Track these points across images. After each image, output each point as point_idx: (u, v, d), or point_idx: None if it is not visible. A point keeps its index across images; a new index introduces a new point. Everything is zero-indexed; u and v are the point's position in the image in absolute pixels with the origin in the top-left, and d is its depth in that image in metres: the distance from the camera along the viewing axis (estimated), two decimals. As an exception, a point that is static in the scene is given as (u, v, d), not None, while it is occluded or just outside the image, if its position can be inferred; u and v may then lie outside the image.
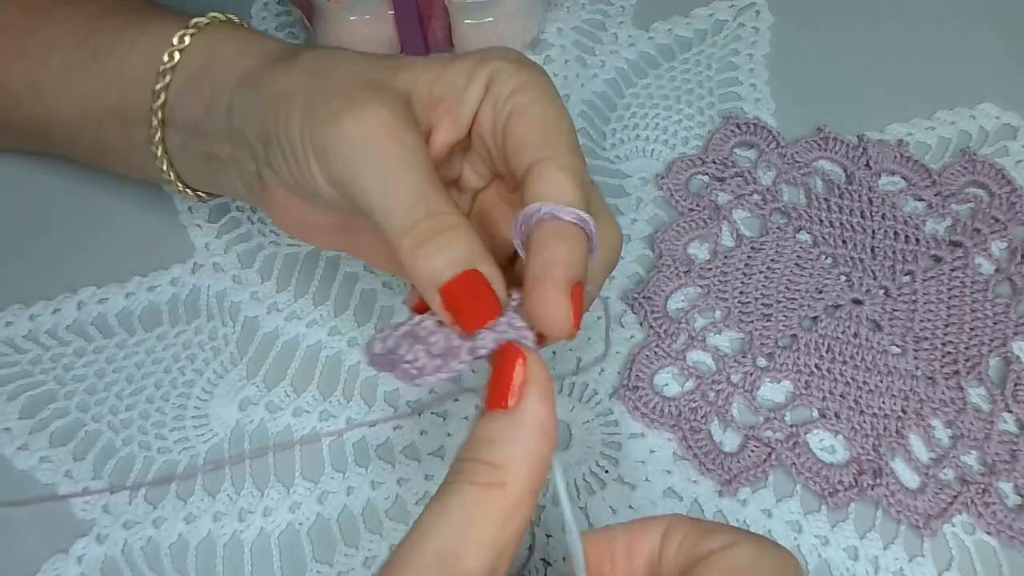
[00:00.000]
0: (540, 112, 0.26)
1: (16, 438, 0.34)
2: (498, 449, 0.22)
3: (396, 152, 0.25)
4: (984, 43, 0.45)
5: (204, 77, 0.31)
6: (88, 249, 0.39)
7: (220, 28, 0.32)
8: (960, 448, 0.32)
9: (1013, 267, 0.37)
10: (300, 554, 0.31)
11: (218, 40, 0.31)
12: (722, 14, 0.47)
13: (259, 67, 0.29)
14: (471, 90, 0.27)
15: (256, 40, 0.31)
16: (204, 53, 0.31)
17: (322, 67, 0.28)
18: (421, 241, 0.24)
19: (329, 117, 0.26)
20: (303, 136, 0.26)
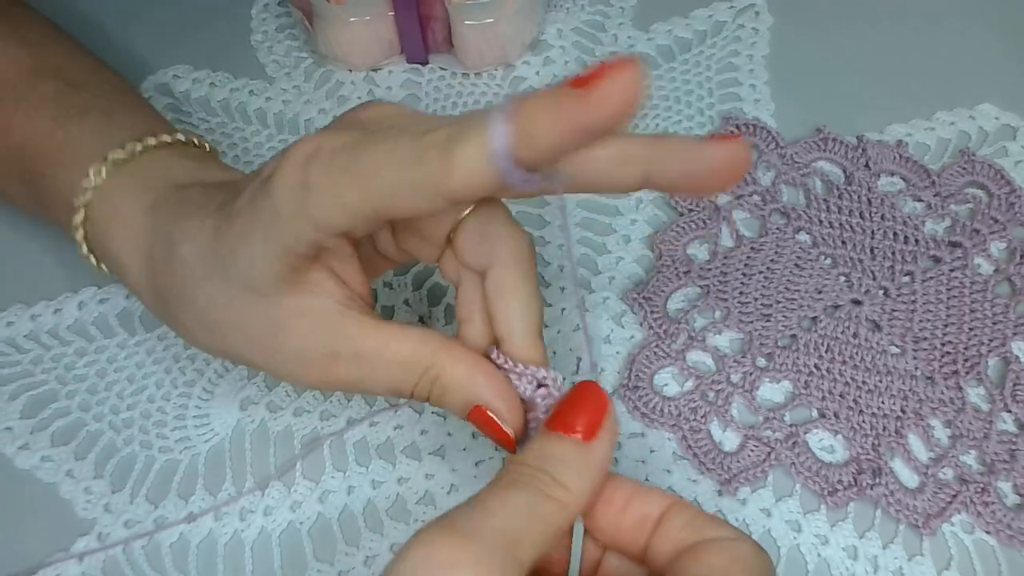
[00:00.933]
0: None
1: (17, 437, 0.34)
2: (569, 473, 0.23)
3: (355, 333, 0.26)
4: (983, 44, 0.45)
5: (110, 259, 0.30)
6: (89, 249, 0.39)
7: (104, 203, 0.30)
8: (959, 448, 0.32)
9: (1012, 267, 0.37)
10: (301, 553, 0.31)
11: (105, 230, 0.30)
12: (721, 15, 0.47)
13: (146, 270, 0.28)
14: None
15: (130, 214, 0.29)
16: (101, 241, 0.30)
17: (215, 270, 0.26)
18: (427, 398, 0.27)
19: (282, 356, 0.26)
20: (269, 368, 0.27)
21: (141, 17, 0.48)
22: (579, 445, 0.23)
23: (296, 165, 0.23)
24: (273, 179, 0.24)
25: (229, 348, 0.27)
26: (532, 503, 0.22)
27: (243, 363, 0.29)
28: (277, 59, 0.46)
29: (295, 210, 0.23)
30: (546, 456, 0.23)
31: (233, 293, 0.26)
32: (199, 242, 0.26)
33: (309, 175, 0.23)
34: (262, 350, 0.26)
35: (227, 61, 0.46)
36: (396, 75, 0.45)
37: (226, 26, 0.48)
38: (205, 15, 0.49)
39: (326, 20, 0.43)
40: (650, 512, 0.24)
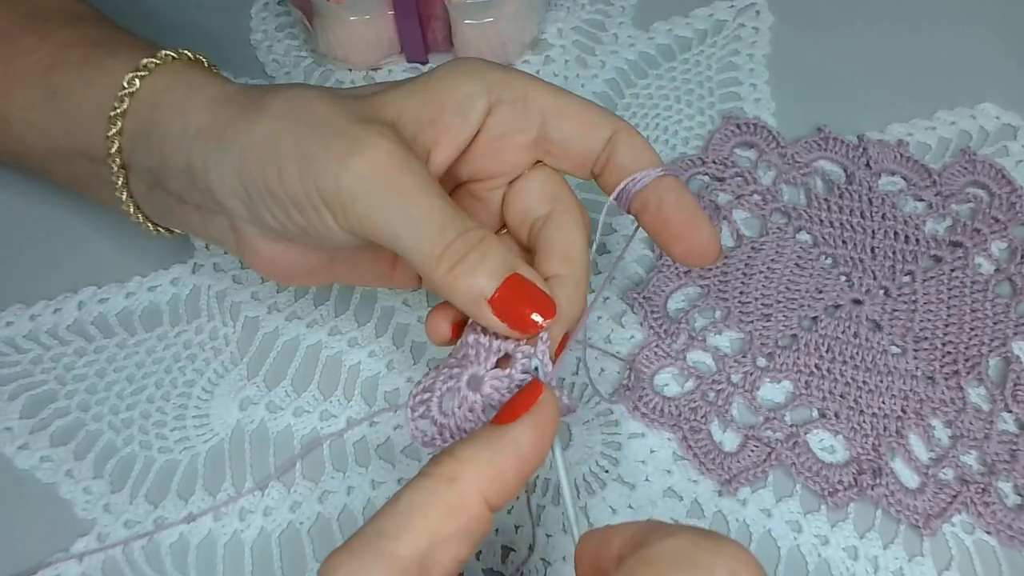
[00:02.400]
0: (574, 102, 0.28)
1: (17, 437, 0.34)
2: (462, 447, 0.22)
3: (411, 182, 0.25)
4: (984, 43, 0.45)
5: (154, 128, 0.29)
6: (89, 249, 0.39)
7: (169, 71, 0.30)
8: (960, 448, 0.32)
9: (1013, 267, 0.37)
10: (301, 553, 0.31)
11: (164, 87, 0.29)
12: (722, 14, 0.47)
13: (216, 120, 0.28)
14: (473, 107, 0.27)
15: (206, 85, 0.29)
16: (152, 101, 0.29)
17: (299, 110, 0.27)
18: (456, 262, 0.25)
19: (334, 162, 0.25)
20: (307, 186, 0.25)
21: (140, 16, 0.48)
22: (490, 426, 0.23)
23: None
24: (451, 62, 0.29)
25: (285, 172, 0.26)
26: (413, 490, 0.21)
27: (279, 194, 0.26)
28: (277, 58, 0.46)
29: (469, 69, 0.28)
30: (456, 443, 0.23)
31: (333, 106, 0.27)
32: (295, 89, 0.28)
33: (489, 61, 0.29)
34: (320, 170, 0.25)
35: (227, 60, 0.46)
36: (396, 74, 0.45)
37: (226, 25, 0.48)
38: (204, 14, 0.48)
39: (326, 19, 0.43)
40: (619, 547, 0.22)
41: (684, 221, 0.27)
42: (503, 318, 0.25)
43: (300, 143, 0.26)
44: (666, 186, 0.27)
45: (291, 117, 0.27)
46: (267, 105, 0.27)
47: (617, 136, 0.28)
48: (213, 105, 0.28)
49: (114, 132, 0.30)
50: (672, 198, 0.27)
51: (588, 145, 0.28)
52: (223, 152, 0.27)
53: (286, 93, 0.27)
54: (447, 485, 0.21)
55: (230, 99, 0.28)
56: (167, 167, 0.29)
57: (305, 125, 0.26)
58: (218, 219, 0.29)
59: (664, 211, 0.27)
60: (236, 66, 0.46)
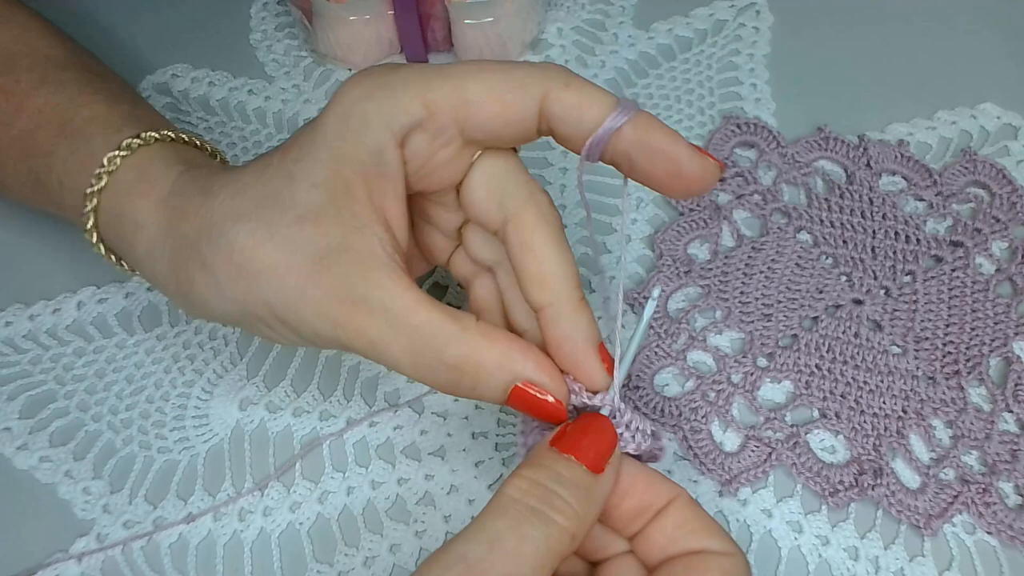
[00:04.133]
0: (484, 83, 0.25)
1: (16, 438, 0.34)
2: (581, 498, 0.22)
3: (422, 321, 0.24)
4: (985, 43, 0.45)
5: (123, 222, 0.29)
6: (88, 249, 0.39)
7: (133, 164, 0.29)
8: (961, 448, 0.32)
9: (1014, 267, 0.37)
10: (300, 554, 0.31)
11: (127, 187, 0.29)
12: (722, 14, 0.47)
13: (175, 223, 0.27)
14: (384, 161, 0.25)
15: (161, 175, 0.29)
16: (116, 203, 0.29)
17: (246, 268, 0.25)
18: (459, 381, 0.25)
19: (354, 327, 0.25)
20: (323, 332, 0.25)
21: (140, 16, 0.48)
22: (587, 473, 0.23)
23: (371, 77, 0.25)
24: (336, 95, 0.25)
25: (254, 296, 0.25)
26: (547, 536, 0.21)
27: (262, 319, 0.26)
28: (276, 58, 0.46)
29: (368, 108, 0.25)
30: (557, 477, 0.22)
31: (277, 227, 0.25)
32: (236, 186, 0.26)
33: (392, 73, 0.25)
34: (292, 294, 0.25)
35: (226, 60, 0.46)
36: (396, 74, 0.45)
37: (225, 25, 0.48)
38: (204, 14, 0.48)
39: (326, 19, 0.43)
40: (652, 500, 0.24)
41: (667, 160, 0.24)
42: (522, 409, 0.25)
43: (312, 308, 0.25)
44: (635, 130, 0.24)
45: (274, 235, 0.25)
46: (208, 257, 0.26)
47: (550, 95, 0.24)
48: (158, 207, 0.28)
49: (91, 225, 0.30)
50: (644, 142, 0.24)
51: (517, 124, 0.25)
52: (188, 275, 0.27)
53: (217, 244, 0.26)
54: (570, 540, 0.22)
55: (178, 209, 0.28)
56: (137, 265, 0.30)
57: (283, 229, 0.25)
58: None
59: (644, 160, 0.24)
60: (236, 66, 0.46)
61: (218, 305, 0.27)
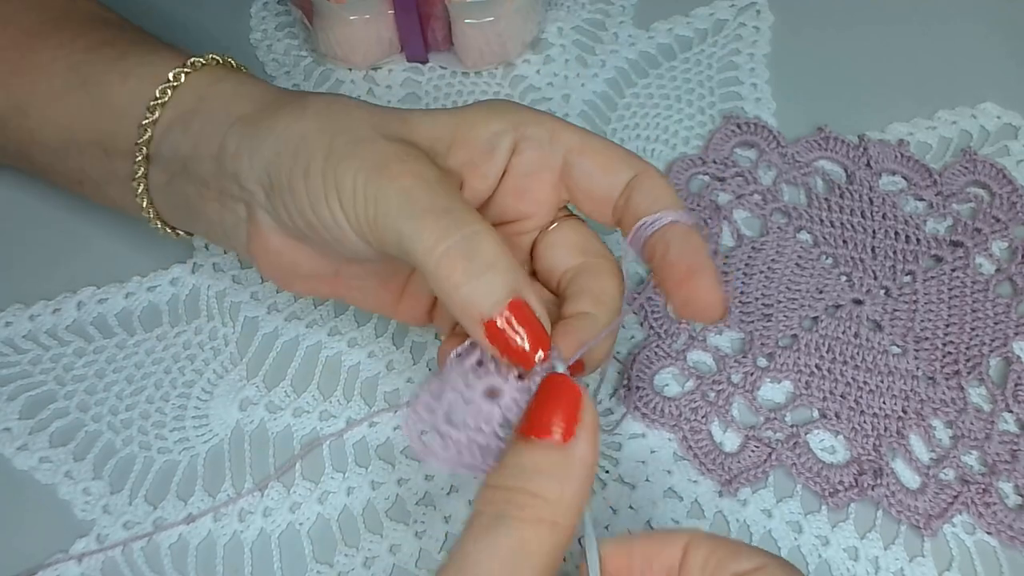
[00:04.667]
0: (598, 143, 0.28)
1: (16, 438, 0.34)
2: (550, 483, 0.21)
3: (421, 182, 0.25)
4: (985, 43, 0.45)
5: (195, 116, 0.30)
6: (88, 249, 0.39)
7: (216, 70, 0.31)
8: (961, 448, 0.32)
9: (1014, 267, 0.37)
10: (300, 554, 0.31)
11: (214, 80, 0.30)
12: (723, 13, 0.47)
13: (258, 111, 0.29)
14: (500, 145, 0.28)
15: (253, 84, 0.30)
16: (197, 93, 0.30)
17: (336, 114, 0.27)
18: (455, 261, 0.24)
19: (359, 169, 0.25)
20: (327, 184, 0.26)
21: (140, 16, 0.48)
22: (555, 449, 0.21)
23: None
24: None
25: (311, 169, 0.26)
26: (519, 541, 0.20)
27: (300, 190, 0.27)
28: (276, 58, 0.46)
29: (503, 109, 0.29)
30: (520, 470, 0.21)
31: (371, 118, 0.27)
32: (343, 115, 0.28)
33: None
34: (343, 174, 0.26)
35: (226, 60, 0.46)
36: (396, 74, 0.45)
37: (225, 24, 0.48)
38: (204, 13, 0.48)
39: (326, 19, 0.43)
40: (670, 560, 0.22)
41: (685, 271, 0.25)
42: (495, 343, 0.24)
43: (331, 142, 0.26)
44: (674, 232, 0.26)
45: (328, 118, 0.27)
46: (308, 104, 0.28)
47: (638, 178, 0.27)
48: (259, 99, 0.29)
49: (149, 121, 0.30)
50: (677, 245, 0.26)
51: (608, 184, 0.27)
52: (258, 140, 0.28)
53: (328, 98, 0.28)
54: (551, 530, 0.21)
55: (275, 97, 0.29)
56: (199, 152, 0.29)
57: (339, 129, 0.27)
58: (238, 207, 0.29)
59: (668, 259, 0.26)
60: (235, 66, 0.46)
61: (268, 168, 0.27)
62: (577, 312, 0.27)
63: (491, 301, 0.23)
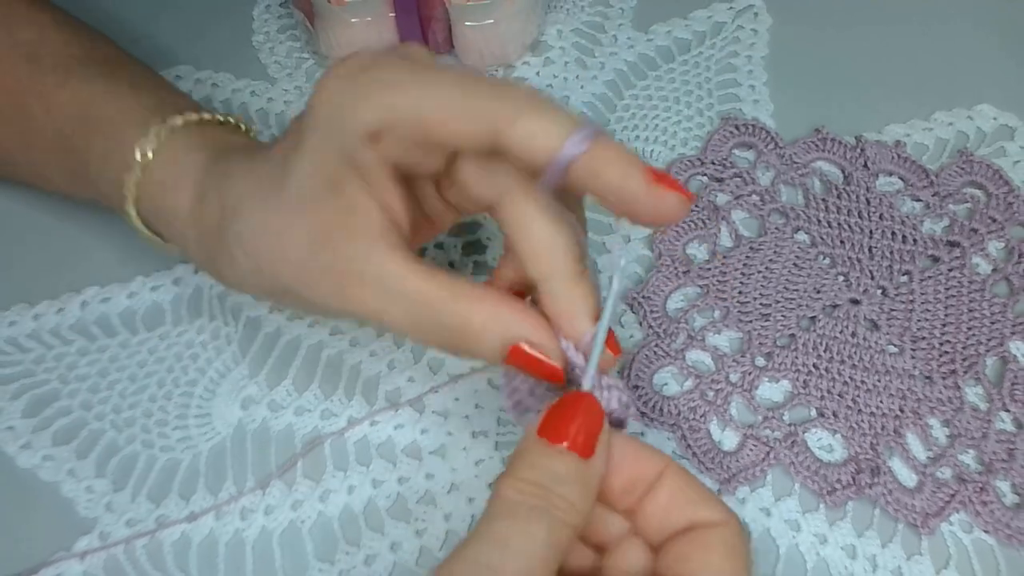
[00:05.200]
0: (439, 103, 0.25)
1: (19, 436, 0.34)
2: (577, 492, 0.23)
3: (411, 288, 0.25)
4: (982, 44, 0.45)
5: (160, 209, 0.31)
6: (92, 248, 0.39)
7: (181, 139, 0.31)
8: (958, 447, 0.33)
9: (1010, 267, 0.37)
10: (302, 552, 0.32)
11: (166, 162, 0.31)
12: (721, 16, 0.47)
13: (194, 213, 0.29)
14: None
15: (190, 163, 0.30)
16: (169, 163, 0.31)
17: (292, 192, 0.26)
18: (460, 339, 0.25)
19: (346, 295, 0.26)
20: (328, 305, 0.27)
21: (143, 18, 0.49)
22: (580, 462, 0.23)
23: (344, 75, 0.25)
24: (316, 87, 0.26)
25: (264, 273, 0.27)
26: (551, 532, 0.22)
27: (278, 293, 0.28)
28: (279, 60, 0.46)
29: (339, 113, 0.25)
30: (548, 473, 0.23)
31: (274, 212, 0.27)
32: (248, 173, 0.28)
33: (362, 74, 0.25)
34: (295, 269, 0.26)
35: (229, 62, 0.46)
36: (396, 76, 0.45)
37: (228, 27, 0.48)
38: (207, 16, 0.49)
39: (327, 21, 0.43)
40: (645, 474, 0.24)
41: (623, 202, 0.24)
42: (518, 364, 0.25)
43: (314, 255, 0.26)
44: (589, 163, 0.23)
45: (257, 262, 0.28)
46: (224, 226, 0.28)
47: (501, 130, 0.24)
48: (190, 196, 0.30)
49: (130, 195, 0.31)
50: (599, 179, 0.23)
51: (474, 147, 0.24)
52: (213, 258, 0.29)
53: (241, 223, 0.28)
54: (571, 532, 0.22)
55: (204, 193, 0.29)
56: (175, 242, 0.32)
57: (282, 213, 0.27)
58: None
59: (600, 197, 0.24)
60: (238, 68, 0.46)
61: (242, 281, 0.29)
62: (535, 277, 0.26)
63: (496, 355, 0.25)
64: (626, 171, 0.23)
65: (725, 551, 0.23)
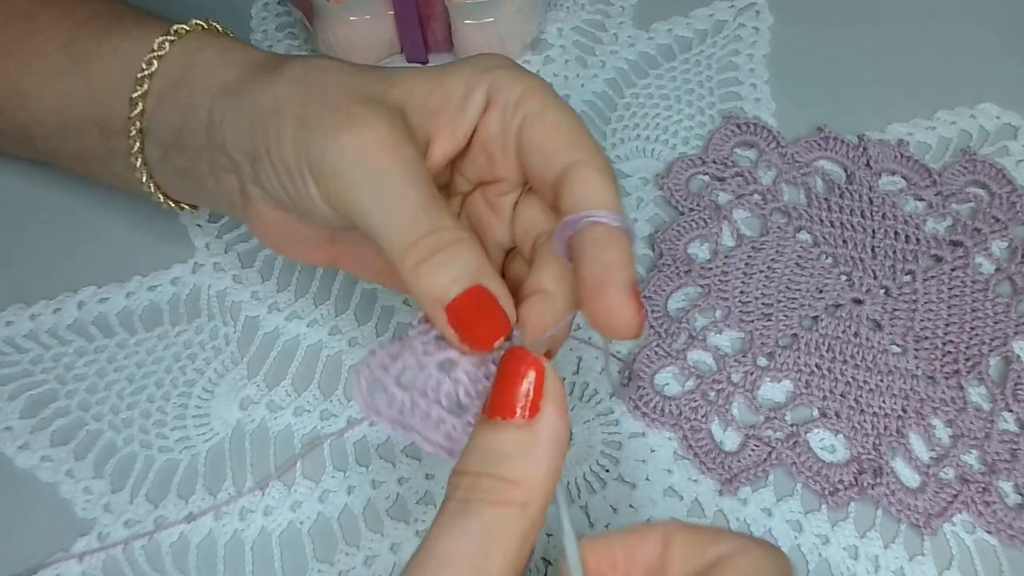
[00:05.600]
0: (558, 116, 0.26)
1: (17, 437, 0.34)
2: (516, 465, 0.20)
3: (396, 169, 0.25)
4: (984, 43, 0.45)
5: (182, 87, 0.30)
6: (89, 248, 0.39)
7: (201, 36, 0.31)
8: (960, 447, 0.32)
9: (1013, 267, 0.37)
10: (301, 553, 0.31)
11: (197, 48, 0.30)
12: (722, 14, 0.47)
13: (241, 78, 0.28)
14: (472, 100, 0.26)
15: (238, 49, 0.30)
16: (182, 61, 0.30)
17: (312, 79, 0.27)
18: (424, 258, 0.23)
19: (325, 133, 0.25)
20: (297, 153, 0.25)
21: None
22: (519, 428, 0.21)
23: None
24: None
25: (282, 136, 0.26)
26: (488, 527, 0.20)
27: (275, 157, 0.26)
28: (277, 58, 0.46)
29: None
30: (486, 454, 0.21)
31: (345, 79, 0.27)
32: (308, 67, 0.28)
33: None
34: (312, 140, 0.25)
35: (227, 60, 0.46)
36: (396, 74, 0.45)
37: (226, 25, 0.48)
38: (204, 14, 0.48)
39: (326, 19, 0.43)
40: (651, 554, 0.22)
41: (596, 283, 0.23)
42: (455, 327, 0.23)
43: (302, 109, 0.26)
44: (594, 237, 0.23)
45: (302, 83, 0.27)
46: (286, 69, 0.27)
47: (575, 167, 0.24)
48: (242, 65, 0.29)
49: (139, 94, 0.30)
50: (592, 252, 0.23)
51: (544, 164, 0.25)
52: (239, 108, 0.27)
53: (306, 62, 0.28)
54: (520, 512, 0.20)
55: (257, 61, 0.29)
56: (188, 123, 0.29)
57: (311, 93, 0.26)
58: (229, 178, 0.29)
59: (581, 267, 0.23)
60: (236, 66, 0.46)
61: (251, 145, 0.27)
62: (539, 289, 0.25)
63: (453, 285, 0.23)
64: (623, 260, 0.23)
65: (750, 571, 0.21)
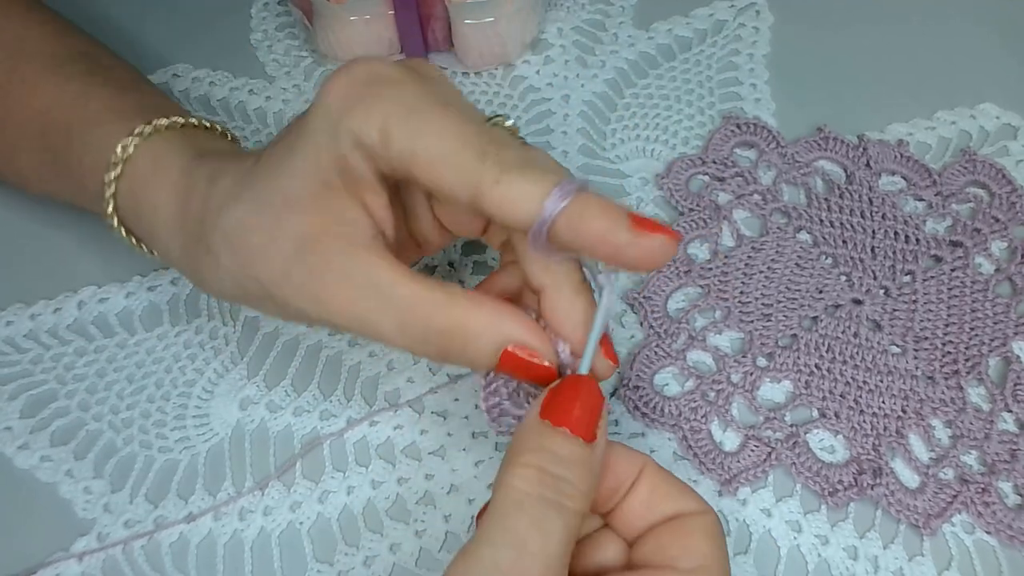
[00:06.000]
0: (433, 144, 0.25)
1: (17, 437, 0.34)
2: (582, 476, 0.22)
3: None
4: (984, 43, 0.45)
5: (141, 207, 0.30)
6: (89, 248, 0.39)
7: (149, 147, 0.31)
8: (960, 448, 0.32)
9: (1013, 267, 0.37)
10: (300, 553, 0.31)
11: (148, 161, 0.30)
12: (722, 14, 0.47)
13: (178, 220, 0.29)
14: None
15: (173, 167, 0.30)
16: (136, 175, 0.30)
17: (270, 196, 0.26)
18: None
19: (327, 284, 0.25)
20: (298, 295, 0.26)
21: (141, 16, 0.48)
22: (583, 445, 0.23)
23: (355, 80, 0.25)
24: (321, 90, 0.25)
25: (246, 275, 0.27)
26: (567, 528, 0.21)
27: (256, 296, 0.27)
28: (277, 58, 0.46)
29: (340, 115, 0.24)
30: (553, 456, 0.22)
31: (265, 211, 0.26)
32: (237, 173, 0.28)
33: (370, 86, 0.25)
34: (277, 274, 0.26)
35: (227, 60, 0.46)
36: (396, 74, 0.45)
37: (226, 25, 0.48)
38: (205, 14, 0.48)
39: (326, 19, 0.43)
40: (626, 474, 0.24)
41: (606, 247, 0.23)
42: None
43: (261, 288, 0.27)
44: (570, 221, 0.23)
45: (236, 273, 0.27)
46: (212, 245, 0.27)
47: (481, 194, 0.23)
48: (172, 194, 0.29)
49: (109, 191, 0.31)
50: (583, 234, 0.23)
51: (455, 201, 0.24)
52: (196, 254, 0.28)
53: (223, 228, 0.27)
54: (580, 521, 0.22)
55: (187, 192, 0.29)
56: (154, 245, 0.31)
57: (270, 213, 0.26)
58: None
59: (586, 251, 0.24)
60: (236, 66, 0.46)
61: (220, 282, 0.28)
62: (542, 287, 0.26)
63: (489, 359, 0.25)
64: (608, 224, 0.23)
65: (705, 536, 0.23)
